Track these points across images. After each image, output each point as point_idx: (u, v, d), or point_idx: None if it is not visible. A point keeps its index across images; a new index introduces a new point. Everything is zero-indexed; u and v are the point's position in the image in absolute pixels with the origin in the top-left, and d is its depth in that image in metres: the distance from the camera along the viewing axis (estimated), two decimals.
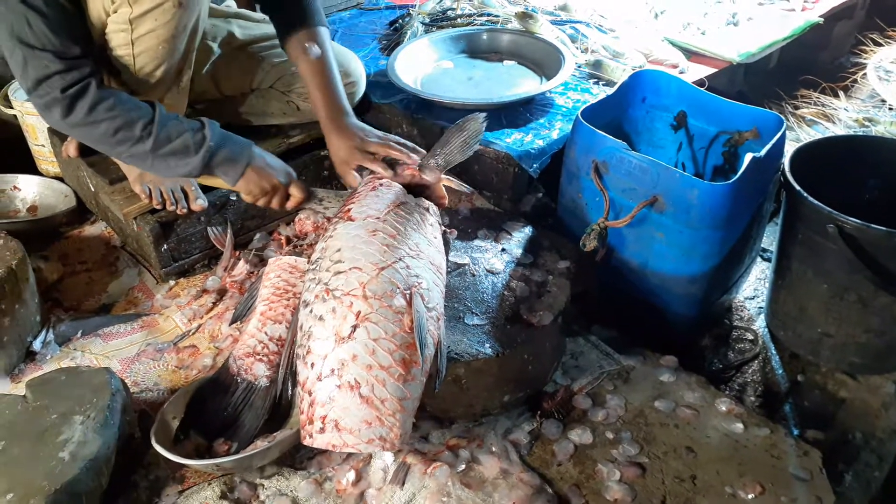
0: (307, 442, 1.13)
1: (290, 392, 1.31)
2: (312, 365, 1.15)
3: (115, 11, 1.45)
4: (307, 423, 1.14)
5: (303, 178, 1.92)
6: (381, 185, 1.47)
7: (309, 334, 1.18)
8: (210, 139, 1.47)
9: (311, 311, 1.21)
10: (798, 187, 1.49)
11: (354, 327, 1.15)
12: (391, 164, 1.55)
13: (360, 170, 1.58)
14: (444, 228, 1.46)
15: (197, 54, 1.68)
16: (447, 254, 1.43)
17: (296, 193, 1.58)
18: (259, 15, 1.94)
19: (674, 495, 1.28)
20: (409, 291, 1.20)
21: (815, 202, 1.45)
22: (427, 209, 1.44)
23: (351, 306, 1.17)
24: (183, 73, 1.62)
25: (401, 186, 1.48)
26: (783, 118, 1.61)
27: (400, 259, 1.24)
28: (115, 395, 1.30)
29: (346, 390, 1.11)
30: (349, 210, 1.37)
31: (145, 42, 1.49)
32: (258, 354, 1.43)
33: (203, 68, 1.80)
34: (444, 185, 1.55)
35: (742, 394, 1.61)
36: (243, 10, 1.94)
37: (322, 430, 1.12)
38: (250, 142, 1.55)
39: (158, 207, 1.71)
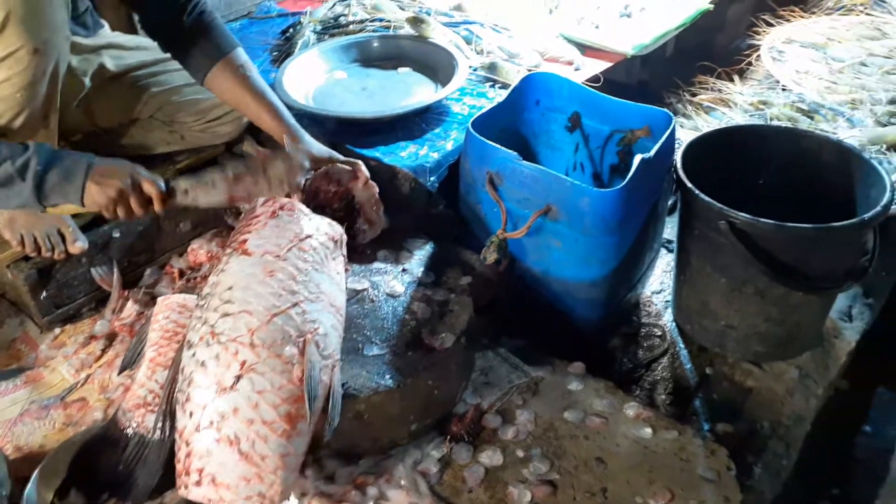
0: (182, 493, 1.08)
1: (166, 436, 1.23)
2: (191, 414, 1.09)
3: None
4: (183, 473, 1.09)
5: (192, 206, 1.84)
6: (282, 209, 1.39)
7: (190, 380, 1.12)
8: (37, 163, 1.33)
9: (193, 355, 1.14)
10: (689, 184, 1.49)
11: (238, 377, 1.09)
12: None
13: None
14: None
15: (66, 89, 1.58)
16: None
17: (149, 190, 1.43)
18: (133, 42, 1.83)
19: None
20: (302, 340, 1.14)
21: (706, 199, 1.46)
22: (334, 240, 1.37)
23: (236, 354, 1.11)
24: (49, 116, 1.51)
25: (305, 212, 1.40)
26: (672, 115, 1.61)
27: (297, 304, 1.18)
28: None
29: (224, 445, 1.06)
30: (245, 241, 1.29)
31: (2, 91, 1.38)
32: (149, 405, 1.34)
33: (74, 103, 1.69)
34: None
35: (653, 392, 1.61)
36: (115, 40, 1.82)
37: (198, 483, 1.07)
38: (89, 155, 1.41)
39: (32, 255, 1.60)
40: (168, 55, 1.67)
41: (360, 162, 1.62)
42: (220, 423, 1.07)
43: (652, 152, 1.48)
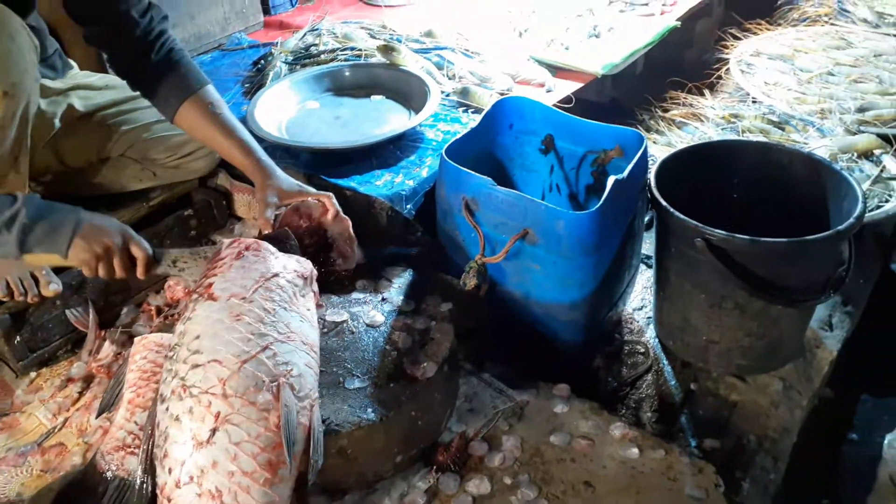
0: None
1: (147, 491, 1.20)
2: (170, 470, 1.07)
3: None
4: None
5: (167, 242, 1.83)
6: (247, 249, 1.36)
7: (166, 436, 1.10)
8: (24, 215, 1.31)
9: (167, 409, 1.13)
10: (664, 203, 1.50)
11: (213, 430, 1.08)
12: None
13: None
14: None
15: (35, 131, 1.57)
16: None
17: (136, 253, 1.41)
18: (101, 82, 1.82)
19: None
20: (276, 384, 1.12)
21: (681, 216, 1.46)
22: (303, 277, 1.36)
23: (209, 406, 1.09)
24: (19, 160, 1.50)
25: (272, 251, 1.38)
26: (643, 135, 1.62)
27: (267, 346, 1.16)
28: None
29: (206, 499, 1.04)
30: (211, 285, 1.27)
31: None
32: (129, 447, 1.31)
33: (42, 144, 1.68)
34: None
35: (638, 410, 1.61)
36: (84, 80, 1.81)
37: None
38: (77, 208, 1.39)
39: (5, 299, 1.57)
40: (137, 93, 1.67)
41: (330, 195, 1.61)
42: (200, 478, 1.05)
43: (625, 173, 1.49)
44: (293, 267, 1.37)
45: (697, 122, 2.44)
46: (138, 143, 1.80)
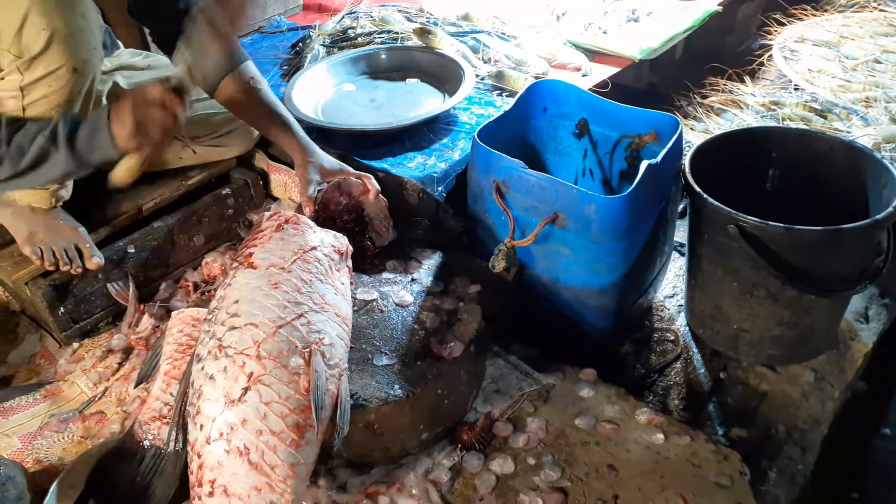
0: None
1: (181, 448, 1.25)
2: (202, 427, 1.12)
3: (3, 78, 1.39)
4: (196, 484, 1.11)
5: (205, 220, 1.88)
6: (286, 223, 1.41)
7: (199, 393, 1.15)
8: (63, 127, 1.34)
9: (202, 369, 1.17)
10: (697, 188, 1.49)
11: (245, 389, 1.11)
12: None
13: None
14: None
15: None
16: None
17: (162, 94, 1.32)
18: (144, 62, 1.87)
19: None
20: (308, 350, 1.16)
21: (715, 203, 1.45)
22: (339, 252, 1.39)
23: (243, 366, 1.13)
24: None
25: (310, 225, 1.43)
26: (678, 120, 1.61)
27: (302, 315, 1.20)
28: (6, 484, 1.23)
29: (234, 456, 1.08)
30: (251, 255, 1.32)
31: (38, 108, 1.43)
32: (165, 417, 1.36)
33: None
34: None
35: (666, 397, 1.61)
36: (129, 61, 1.86)
37: (211, 494, 1.09)
38: (106, 105, 1.40)
39: (52, 269, 1.63)
40: None
41: (370, 176, 1.64)
42: (229, 435, 1.09)
43: (659, 157, 1.48)
44: (330, 241, 1.41)
45: (737, 109, 2.40)
46: None
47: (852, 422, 1.72)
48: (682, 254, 1.93)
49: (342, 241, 1.45)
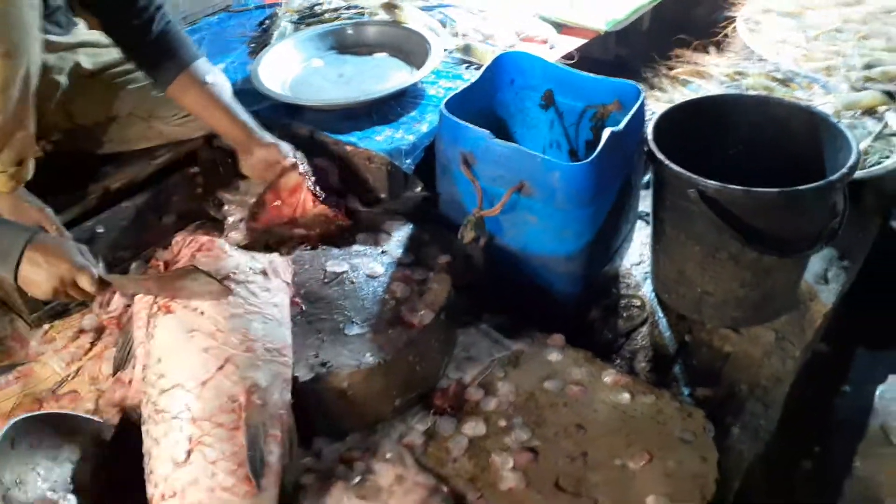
0: None
1: None
2: (156, 484, 1.14)
3: None
4: None
5: (174, 199, 1.87)
6: (199, 251, 1.37)
7: (149, 454, 1.17)
8: None
9: (147, 431, 1.19)
10: (660, 155, 1.52)
11: (189, 452, 1.13)
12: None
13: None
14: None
15: (43, 88, 1.60)
16: None
17: (84, 285, 1.33)
18: (107, 38, 1.84)
19: (566, 475, 1.30)
20: (237, 404, 1.16)
21: (676, 168, 1.48)
22: (262, 273, 1.36)
23: (181, 430, 1.15)
24: (25, 119, 1.52)
25: (224, 249, 1.37)
26: (641, 88, 1.64)
27: (224, 364, 1.18)
28: None
29: None
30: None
31: None
32: None
33: (51, 102, 1.72)
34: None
35: (633, 361, 1.65)
36: (91, 37, 1.83)
37: None
38: (28, 230, 1.34)
39: None
40: None
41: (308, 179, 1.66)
42: (182, 494, 1.11)
43: (621, 125, 1.51)
44: (247, 264, 1.36)
45: (701, 79, 2.43)
46: (145, 102, 1.82)
47: (814, 381, 1.78)
48: (647, 222, 1.96)
49: (262, 260, 1.39)
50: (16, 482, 1.25)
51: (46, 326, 1.70)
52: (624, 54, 2.70)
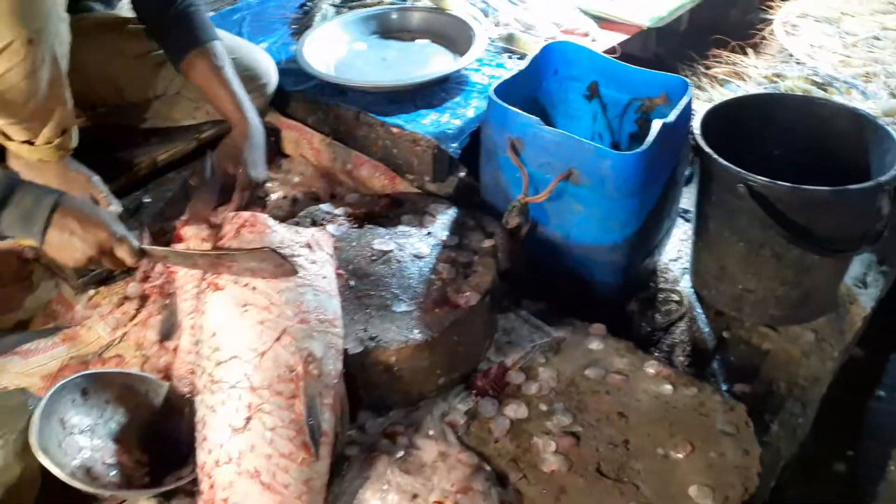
0: None
1: None
2: (210, 451, 1.15)
3: None
4: (209, 503, 1.13)
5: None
6: (243, 227, 1.35)
7: (204, 422, 1.17)
8: None
9: (202, 401, 1.19)
10: (708, 149, 1.53)
11: (248, 419, 1.14)
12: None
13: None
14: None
15: (84, 64, 1.62)
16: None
17: (122, 256, 1.32)
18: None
19: (608, 461, 1.31)
20: (295, 374, 1.17)
21: (725, 163, 1.49)
22: (307, 246, 1.35)
23: (240, 398, 1.15)
24: (61, 95, 1.55)
25: (269, 224, 1.36)
26: (689, 82, 1.64)
27: (280, 336, 1.19)
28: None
29: (245, 478, 1.11)
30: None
31: (6, 81, 1.42)
32: None
33: (100, 76, 1.74)
34: None
35: (671, 355, 1.65)
36: (130, 14, 1.85)
37: None
38: (55, 192, 1.30)
39: None
40: None
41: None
42: (239, 459, 1.11)
43: (671, 117, 1.51)
44: (291, 239, 1.35)
45: (740, 80, 2.44)
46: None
47: (849, 384, 1.78)
48: (686, 220, 1.97)
49: (305, 234, 1.38)
50: (81, 430, 1.28)
51: (92, 292, 1.71)
52: (662, 52, 2.70)
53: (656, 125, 1.48)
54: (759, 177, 1.44)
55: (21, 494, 1.20)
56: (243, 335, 1.20)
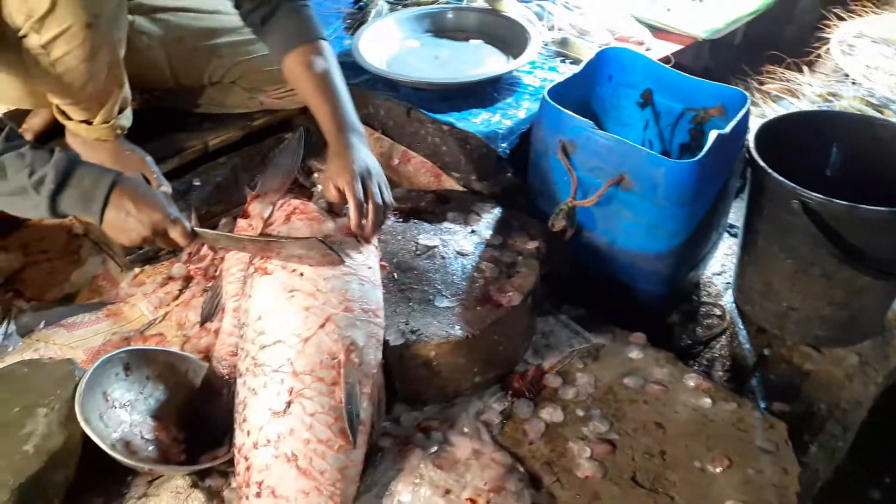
0: None
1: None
2: (249, 433, 1.16)
3: (26, 36, 1.40)
4: (244, 485, 1.15)
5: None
6: (294, 213, 1.37)
7: (244, 404, 1.18)
8: (51, 180, 1.25)
9: (244, 383, 1.21)
10: (762, 163, 1.50)
11: (289, 403, 1.15)
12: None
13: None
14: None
15: (142, 48, 1.64)
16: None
17: (175, 237, 1.32)
18: (210, 5, 1.87)
19: (644, 471, 1.29)
20: (337, 361, 1.18)
21: (780, 178, 1.46)
22: (353, 235, 1.36)
23: (282, 382, 1.17)
24: (118, 77, 1.57)
25: (318, 213, 1.38)
26: (747, 94, 1.62)
27: (326, 321, 1.20)
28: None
29: (282, 461, 1.12)
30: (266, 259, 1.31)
31: (65, 64, 1.44)
32: None
33: (152, 61, 1.77)
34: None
35: (710, 369, 1.63)
36: (192, 3, 1.86)
37: (258, 495, 1.13)
38: (111, 173, 1.31)
39: None
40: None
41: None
42: (277, 443, 1.13)
43: (728, 128, 1.49)
44: (339, 228, 1.36)
45: (793, 97, 2.40)
46: (250, 75, 1.85)
47: (889, 410, 1.74)
48: (731, 234, 1.94)
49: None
50: (122, 404, 1.31)
51: (137, 270, 1.75)
52: (714, 65, 2.67)
53: (713, 135, 1.46)
54: (815, 194, 1.42)
55: (63, 462, 1.23)
56: (289, 320, 1.21)
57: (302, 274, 1.26)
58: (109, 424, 1.29)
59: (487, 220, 1.62)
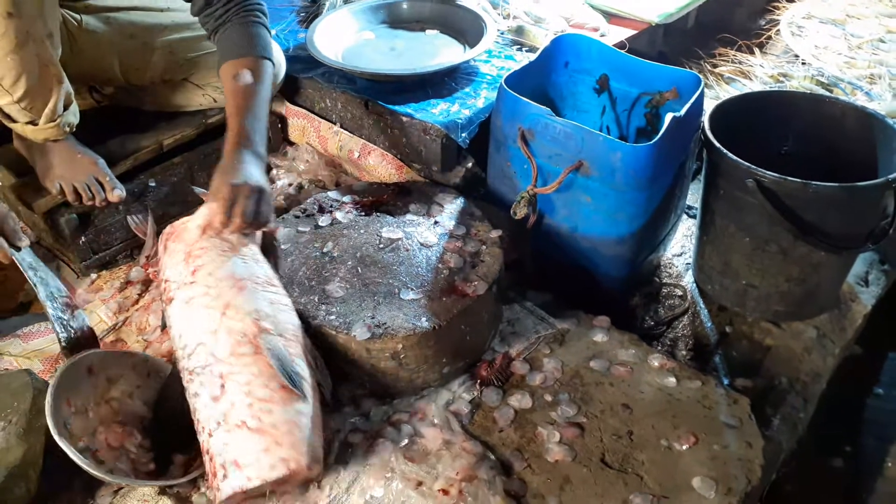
0: (219, 499, 1.15)
1: None
2: (203, 428, 1.18)
3: None
4: (212, 478, 1.16)
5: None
6: (167, 240, 1.43)
7: (194, 410, 1.21)
8: None
9: (189, 394, 1.24)
10: (717, 144, 1.53)
11: (223, 386, 1.19)
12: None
13: None
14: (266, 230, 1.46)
15: (100, 47, 1.61)
16: (276, 253, 1.50)
17: None
18: (162, 3, 1.83)
19: (612, 452, 1.31)
20: (250, 334, 1.23)
21: (735, 158, 1.49)
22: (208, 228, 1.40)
23: (212, 373, 1.21)
24: (55, 72, 1.51)
25: (182, 226, 1.42)
26: (701, 77, 1.64)
27: (225, 310, 1.26)
28: (38, 396, 1.25)
29: (235, 432, 1.15)
30: (165, 290, 1.37)
31: None
32: None
33: (100, 58, 1.72)
34: None
35: (674, 348, 1.66)
36: (142, 2, 1.82)
37: (225, 477, 1.13)
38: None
39: (75, 203, 1.63)
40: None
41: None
42: (225, 420, 1.16)
43: (682, 111, 1.51)
44: (198, 223, 1.40)
45: (746, 79, 2.44)
46: (203, 70, 1.82)
47: (847, 381, 1.79)
48: (690, 216, 1.97)
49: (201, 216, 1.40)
50: (85, 410, 1.28)
51: (94, 276, 1.71)
52: (667, 50, 2.70)
53: (668, 118, 1.48)
54: (770, 172, 1.44)
55: (24, 475, 1.20)
56: (197, 324, 1.26)
57: (193, 283, 1.31)
58: (74, 433, 1.26)
59: (450, 211, 1.62)
